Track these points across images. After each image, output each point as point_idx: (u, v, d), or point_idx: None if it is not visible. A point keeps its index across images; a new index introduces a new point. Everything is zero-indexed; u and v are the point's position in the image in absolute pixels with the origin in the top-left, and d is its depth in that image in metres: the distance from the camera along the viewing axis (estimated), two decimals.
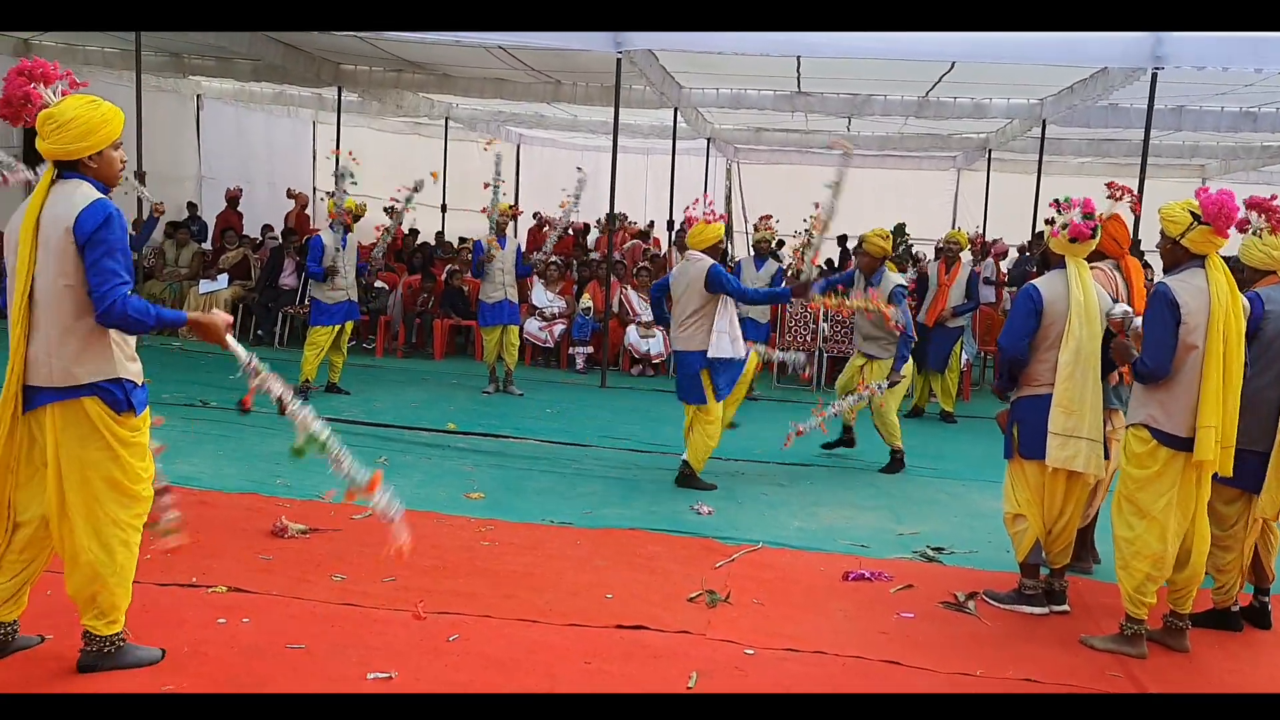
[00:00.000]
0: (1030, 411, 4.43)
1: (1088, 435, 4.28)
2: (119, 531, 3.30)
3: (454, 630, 3.91)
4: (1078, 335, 4.29)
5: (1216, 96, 10.77)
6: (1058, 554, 4.54)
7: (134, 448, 3.32)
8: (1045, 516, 4.47)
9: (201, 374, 9.35)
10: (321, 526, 5.04)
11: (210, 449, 6.61)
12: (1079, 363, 4.29)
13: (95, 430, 3.23)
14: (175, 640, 3.61)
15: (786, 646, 3.96)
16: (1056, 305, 4.36)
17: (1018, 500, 4.51)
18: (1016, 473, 4.54)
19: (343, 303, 8.65)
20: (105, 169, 3.29)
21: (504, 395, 9.29)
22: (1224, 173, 15.78)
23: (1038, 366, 4.43)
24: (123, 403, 3.26)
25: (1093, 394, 4.30)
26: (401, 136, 18.31)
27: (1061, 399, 4.30)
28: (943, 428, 8.95)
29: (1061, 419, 4.30)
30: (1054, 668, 3.90)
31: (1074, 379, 4.29)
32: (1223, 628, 4.36)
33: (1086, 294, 4.35)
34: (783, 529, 5.56)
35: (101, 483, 3.26)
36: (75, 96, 3.27)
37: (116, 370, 3.25)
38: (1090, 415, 4.29)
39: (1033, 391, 4.45)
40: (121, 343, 3.30)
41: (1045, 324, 4.38)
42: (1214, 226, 3.91)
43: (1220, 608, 4.39)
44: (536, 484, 6.24)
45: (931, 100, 11.97)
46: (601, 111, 13.41)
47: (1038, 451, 4.38)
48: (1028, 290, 4.46)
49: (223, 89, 15.22)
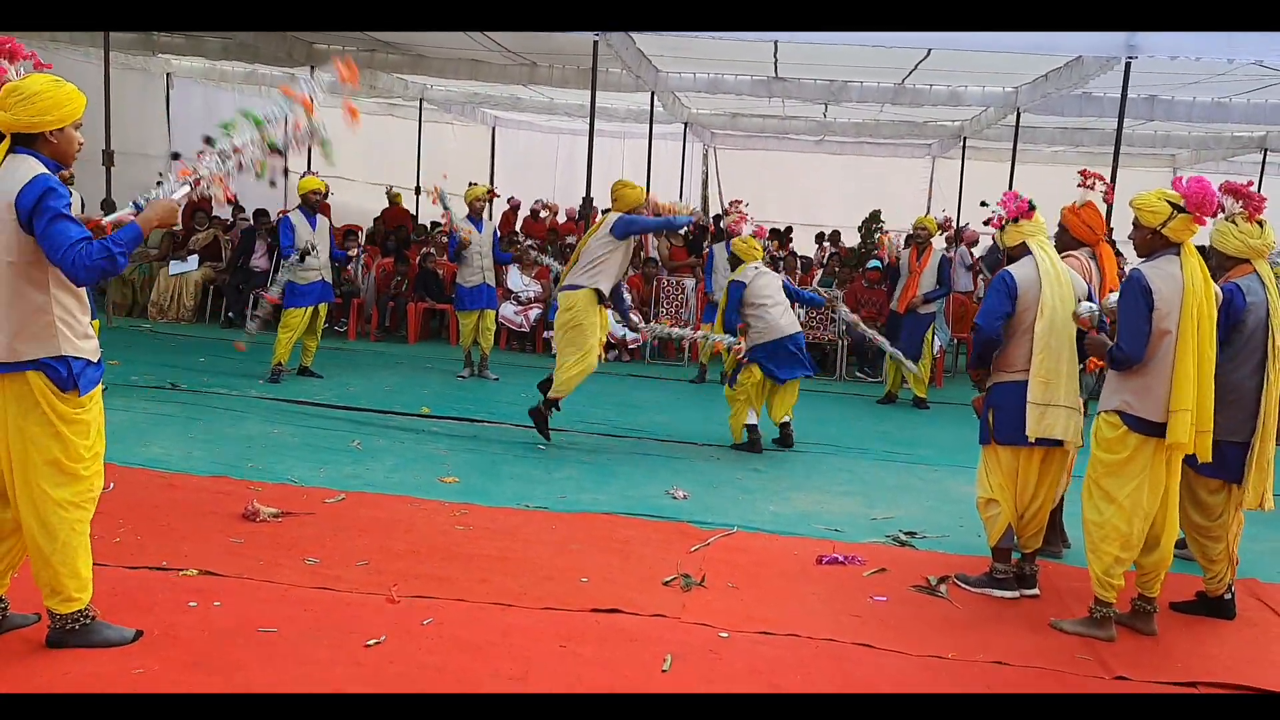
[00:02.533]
0: (1005, 397, 4.47)
1: (1065, 403, 4.36)
2: (60, 510, 3.26)
3: (428, 614, 3.90)
4: (1051, 306, 4.37)
5: (1189, 86, 10.86)
6: (1029, 538, 4.60)
7: (77, 425, 3.27)
8: (1018, 501, 4.52)
9: (171, 356, 9.26)
10: (294, 510, 5.00)
11: (179, 431, 6.54)
12: (1053, 333, 4.36)
13: (37, 405, 3.20)
14: (146, 623, 3.58)
15: (760, 629, 3.97)
16: (1030, 291, 4.42)
17: (991, 485, 4.56)
18: (990, 458, 4.58)
19: (316, 284, 8.56)
20: (64, 146, 3.26)
21: (479, 380, 9.26)
22: (1195, 163, 15.93)
23: (1013, 352, 4.48)
24: (67, 381, 3.22)
25: (1068, 364, 4.38)
26: (375, 118, 18.09)
27: (1038, 370, 4.37)
28: (915, 414, 9.01)
29: (1040, 390, 4.36)
30: (1024, 650, 3.94)
31: (1050, 349, 4.36)
32: (1216, 615, 4.43)
33: (1056, 269, 4.44)
34: (757, 513, 5.58)
35: (40, 460, 3.23)
36: (40, 74, 3.25)
37: (61, 348, 3.21)
38: (1066, 384, 4.37)
39: (1008, 377, 4.49)
40: (71, 320, 3.25)
41: (1020, 309, 4.43)
42: (1197, 215, 3.96)
43: (1213, 596, 4.45)
44: (511, 469, 6.22)
45: (908, 87, 12.00)
46: (578, 94, 13.33)
47: (1013, 437, 4.43)
48: (1003, 275, 4.54)
49: (193, 68, 15.00)
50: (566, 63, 12.15)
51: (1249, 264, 4.28)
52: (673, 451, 6.96)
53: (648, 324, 7.57)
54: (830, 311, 9.19)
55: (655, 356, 11.22)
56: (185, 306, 11.59)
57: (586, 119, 10.39)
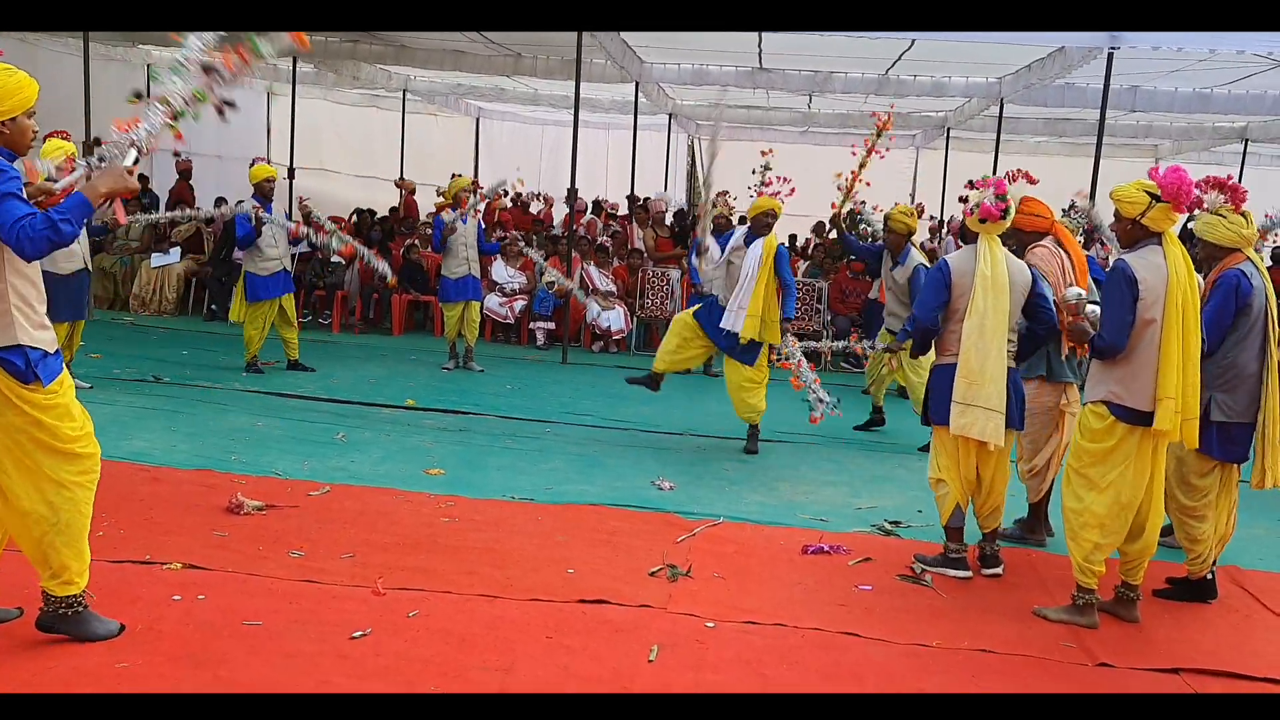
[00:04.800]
0: (940, 379, 4.59)
1: (985, 405, 4.41)
2: (62, 489, 3.26)
3: (414, 606, 3.89)
4: (981, 308, 4.42)
5: (1170, 75, 10.92)
6: (986, 518, 4.69)
7: (53, 410, 3.24)
8: (964, 481, 4.59)
9: (153, 349, 9.20)
10: (278, 503, 4.97)
11: (162, 425, 6.50)
12: (983, 334, 4.41)
13: (6, 399, 3.17)
14: (130, 617, 3.55)
15: (746, 619, 3.98)
16: (964, 280, 4.49)
17: (939, 465, 4.66)
18: (937, 438, 4.69)
19: (278, 274, 8.40)
20: (17, 136, 3.23)
21: (464, 371, 9.23)
22: (1176, 153, 16.03)
23: (948, 337, 4.57)
24: (26, 373, 3.17)
25: (994, 365, 4.42)
26: (358, 109, 18.01)
27: (964, 369, 4.44)
28: (901, 403, 9.03)
29: (963, 388, 4.43)
30: (1008, 638, 3.96)
31: (977, 350, 4.41)
32: (1197, 598, 4.47)
33: (995, 269, 4.46)
34: (743, 504, 5.59)
35: (31, 444, 3.22)
36: None
37: (17, 337, 3.16)
38: (991, 385, 4.41)
39: (943, 360, 4.60)
40: (27, 309, 3.20)
41: (954, 296, 4.52)
42: (1173, 204, 3.98)
43: (1196, 578, 4.50)
44: (497, 460, 6.21)
45: (891, 78, 12.02)
46: (562, 86, 13.30)
47: (945, 417, 4.52)
48: (940, 264, 4.62)
49: (174, 59, 14.86)
50: (551, 54, 12.13)
51: (1240, 253, 4.35)
52: (658, 443, 6.96)
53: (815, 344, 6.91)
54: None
55: (640, 348, 11.21)
56: (167, 299, 11.52)
57: (571, 110, 10.38)
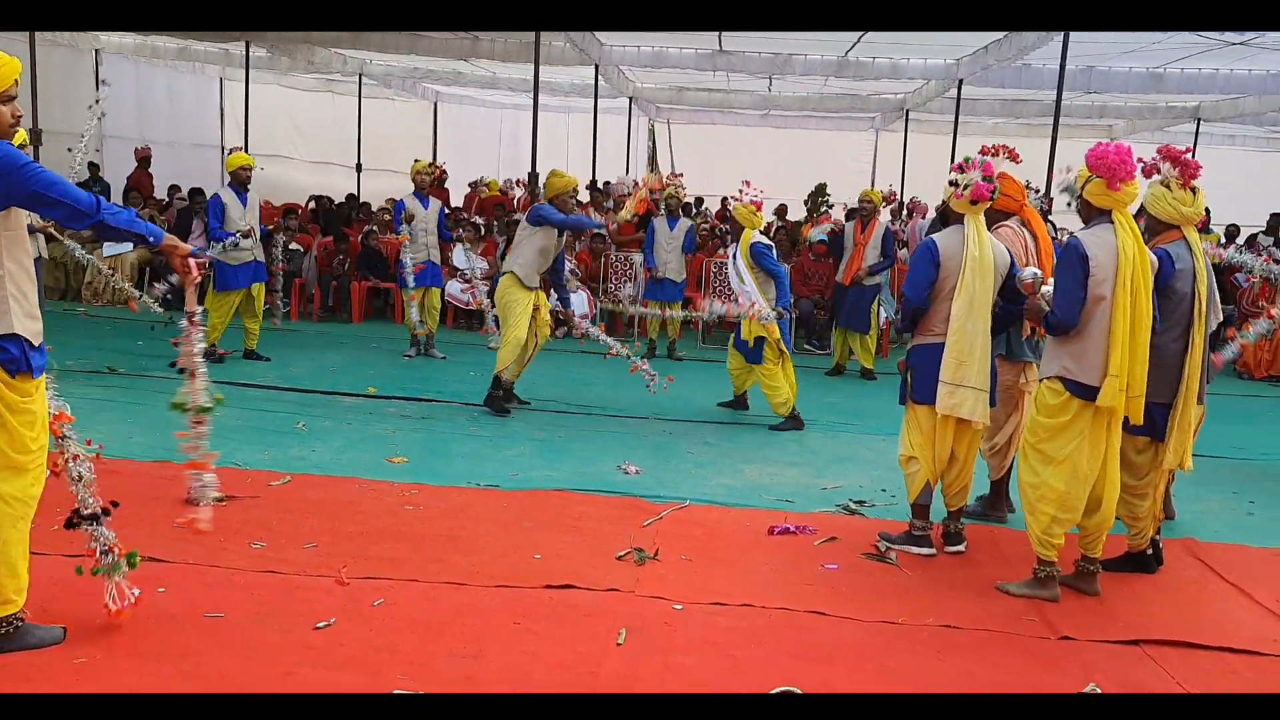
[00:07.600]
0: (923, 358, 4.60)
1: (974, 385, 4.46)
2: (2, 505, 3.13)
3: (379, 595, 3.85)
4: (970, 288, 4.44)
5: (1124, 55, 11.05)
6: (954, 496, 4.74)
7: (23, 415, 3.14)
8: (937, 460, 4.63)
9: (107, 340, 9.04)
10: (238, 494, 4.90)
11: (118, 416, 6.38)
12: (971, 314, 4.44)
13: None
14: (88, 612, 3.47)
15: (714, 600, 3.99)
16: (952, 260, 4.50)
17: (911, 443, 4.69)
18: (910, 417, 4.71)
19: (248, 264, 8.33)
20: None
21: (425, 358, 9.16)
22: (1130, 132, 16.25)
23: (932, 315, 4.59)
24: (20, 360, 3.09)
25: (982, 345, 4.47)
26: (313, 94, 17.76)
27: (953, 349, 4.47)
28: (863, 384, 9.11)
29: (952, 368, 4.47)
30: (973, 613, 4.01)
31: (966, 330, 4.45)
32: (1138, 570, 4.55)
33: (982, 250, 4.49)
34: (709, 486, 5.60)
35: None
36: None
37: (13, 325, 3.08)
38: (978, 365, 4.46)
39: (926, 340, 4.62)
40: (20, 297, 3.12)
41: (942, 276, 4.53)
42: (1107, 179, 4.01)
43: (1135, 551, 4.58)
44: (461, 447, 6.17)
45: (851, 60, 12.06)
46: (521, 69, 13.19)
47: (928, 396, 4.55)
48: (927, 244, 4.62)
49: (122, 43, 14.54)
50: (509, 36, 11.99)
51: (1178, 230, 4.31)
52: (624, 427, 6.96)
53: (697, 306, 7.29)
54: None
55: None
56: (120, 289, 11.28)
57: (530, 94, 10.30)
